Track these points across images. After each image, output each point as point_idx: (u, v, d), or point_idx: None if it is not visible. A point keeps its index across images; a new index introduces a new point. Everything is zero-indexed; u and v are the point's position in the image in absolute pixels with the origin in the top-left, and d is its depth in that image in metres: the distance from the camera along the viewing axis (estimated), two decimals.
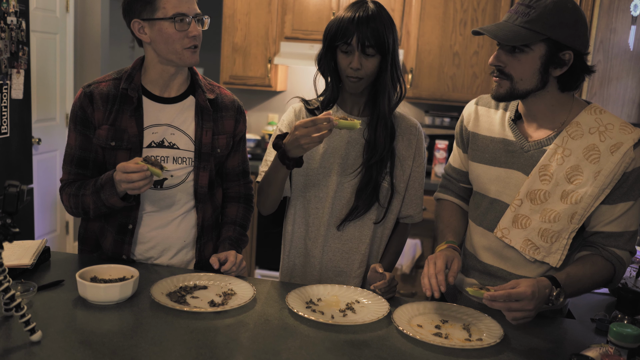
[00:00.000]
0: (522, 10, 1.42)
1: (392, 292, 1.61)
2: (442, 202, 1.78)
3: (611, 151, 1.44)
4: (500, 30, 1.43)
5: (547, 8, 1.40)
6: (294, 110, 1.81)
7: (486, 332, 1.40)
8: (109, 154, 1.69)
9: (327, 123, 1.47)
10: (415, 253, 3.76)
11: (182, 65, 1.67)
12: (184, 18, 1.60)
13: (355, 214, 1.71)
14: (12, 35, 3.00)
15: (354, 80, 1.65)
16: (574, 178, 1.47)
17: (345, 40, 1.61)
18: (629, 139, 1.44)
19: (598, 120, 1.48)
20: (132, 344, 1.24)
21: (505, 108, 1.62)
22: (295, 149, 1.53)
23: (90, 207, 1.65)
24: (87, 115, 1.68)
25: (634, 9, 3.10)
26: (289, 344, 1.29)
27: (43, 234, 4.07)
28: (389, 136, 1.72)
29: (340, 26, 1.62)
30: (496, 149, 1.58)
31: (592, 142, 1.46)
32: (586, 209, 1.45)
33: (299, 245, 1.79)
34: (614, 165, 1.43)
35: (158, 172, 1.52)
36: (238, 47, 4.05)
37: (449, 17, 3.77)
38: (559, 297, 1.36)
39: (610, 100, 3.21)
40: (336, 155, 1.73)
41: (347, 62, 1.63)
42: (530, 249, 1.51)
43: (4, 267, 1.21)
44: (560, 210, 1.47)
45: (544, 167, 1.49)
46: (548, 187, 1.49)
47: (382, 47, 1.62)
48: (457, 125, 1.73)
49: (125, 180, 1.51)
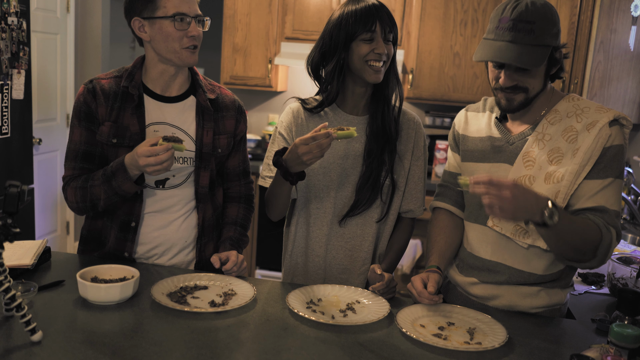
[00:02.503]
0: (524, 27, 1.43)
1: (391, 293, 1.61)
2: (436, 213, 1.77)
3: (587, 129, 1.48)
4: (520, 56, 1.43)
5: (545, 17, 1.44)
6: (291, 110, 1.80)
7: (490, 336, 1.39)
8: (111, 150, 1.69)
9: (327, 138, 1.49)
10: (415, 253, 3.76)
11: (181, 64, 1.68)
12: (184, 17, 1.61)
13: (357, 208, 1.71)
14: (12, 36, 3.00)
15: (378, 67, 1.65)
16: (555, 159, 1.50)
17: (369, 28, 1.62)
18: (604, 117, 1.48)
19: (575, 105, 1.54)
20: (133, 344, 1.24)
21: (492, 110, 1.68)
22: (298, 165, 1.54)
23: (101, 197, 1.65)
24: (91, 110, 1.68)
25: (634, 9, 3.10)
26: (289, 344, 1.29)
27: (44, 234, 4.08)
28: (396, 128, 1.74)
29: (359, 17, 1.63)
30: (484, 147, 1.63)
31: (569, 125, 1.51)
32: (568, 186, 1.47)
33: (301, 244, 1.79)
34: (591, 141, 1.46)
35: (181, 147, 1.54)
36: (239, 48, 4.05)
37: (449, 18, 3.77)
38: (552, 216, 1.33)
39: (611, 101, 3.21)
40: (336, 154, 1.73)
41: (369, 49, 1.63)
42: (520, 234, 1.53)
43: (5, 268, 1.21)
44: (545, 191, 1.48)
45: (527, 153, 1.54)
46: (532, 171, 1.52)
47: (395, 35, 1.68)
48: (450, 133, 1.78)
49: (155, 162, 1.51)
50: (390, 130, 1.72)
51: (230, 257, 1.66)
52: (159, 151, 1.51)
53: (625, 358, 1.23)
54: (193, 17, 1.63)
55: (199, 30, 1.65)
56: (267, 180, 1.77)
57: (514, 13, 1.44)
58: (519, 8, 1.44)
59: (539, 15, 1.43)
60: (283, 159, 1.56)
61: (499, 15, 1.48)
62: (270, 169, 1.77)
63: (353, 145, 1.73)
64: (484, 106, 1.72)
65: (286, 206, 1.75)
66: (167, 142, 1.52)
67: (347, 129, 1.52)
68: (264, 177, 1.79)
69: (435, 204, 1.78)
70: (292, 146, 1.52)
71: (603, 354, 1.20)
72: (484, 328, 1.44)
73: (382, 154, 1.71)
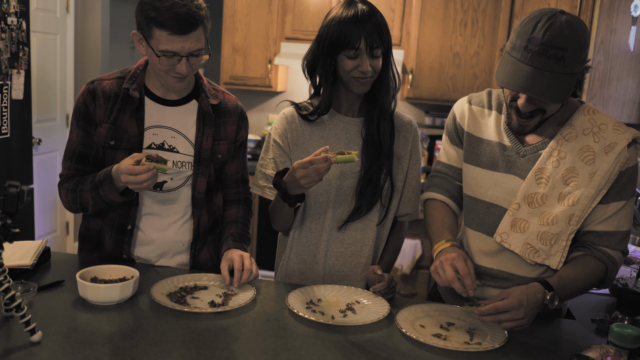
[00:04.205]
0: (555, 54, 1.31)
1: (391, 293, 1.60)
2: (432, 203, 1.70)
3: (605, 151, 1.44)
4: (548, 88, 1.33)
5: (577, 43, 1.33)
6: (285, 117, 1.74)
7: (490, 336, 1.39)
8: (109, 152, 1.69)
9: (325, 163, 1.45)
10: (415, 253, 3.76)
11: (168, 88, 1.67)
12: (172, 56, 1.54)
13: (358, 214, 1.69)
14: (12, 36, 3.00)
15: (363, 81, 1.61)
16: (570, 180, 1.46)
17: (352, 46, 1.56)
18: (623, 139, 1.44)
19: (592, 120, 1.48)
20: (133, 344, 1.24)
21: (499, 110, 1.60)
22: (296, 189, 1.51)
23: (89, 202, 1.65)
24: (89, 112, 1.68)
25: (634, 9, 3.10)
26: (289, 345, 1.29)
27: (43, 235, 4.07)
28: (392, 131, 1.70)
29: (343, 31, 1.56)
30: (493, 153, 1.57)
31: (586, 144, 1.46)
32: (583, 210, 1.45)
33: (299, 251, 1.75)
34: (609, 166, 1.43)
35: (164, 168, 1.51)
36: (238, 48, 4.05)
37: (449, 18, 3.77)
38: (553, 301, 1.36)
39: (611, 101, 3.21)
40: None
41: (353, 65, 1.58)
42: (530, 253, 1.50)
43: (4, 268, 1.21)
44: (558, 212, 1.47)
45: (540, 170, 1.49)
46: (545, 190, 1.48)
47: (386, 45, 1.60)
48: (450, 123, 1.68)
49: (134, 181, 1.49)
50: (385, 133, 1.69)
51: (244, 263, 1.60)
52: (139, 171, 1.48)
53: (625, 358, 1.23)
54: (185, 55, 1.55)
55: (187, 69, 1.57)
56: (266, 191, 1.73)
57: (546, 36, 1.31)
58: (552, 31, 1.31)
59: (572, 42, 1.32)
60: (283, 181, 1.53)
61: (528, 32, 1.34)
62: (266, 177, 1.73)
63: (352, 148, 1.71)
64: (489, 102, 1.62)
65: (290, 220, 1.71)
66: (150, 162, 1.50)
67: (348, 153, 1.47)
68: (262, 188, 1.74)
69: (430, 195, 1.70)
70: (291, 169, 1.49)
71: (603, 354, 1.20)
72: (484, 328, 1.44)
73: (380, 157, 1.68)
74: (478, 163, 1.60)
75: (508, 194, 1.54)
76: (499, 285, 1.57)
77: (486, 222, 1.58)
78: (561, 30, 1.32)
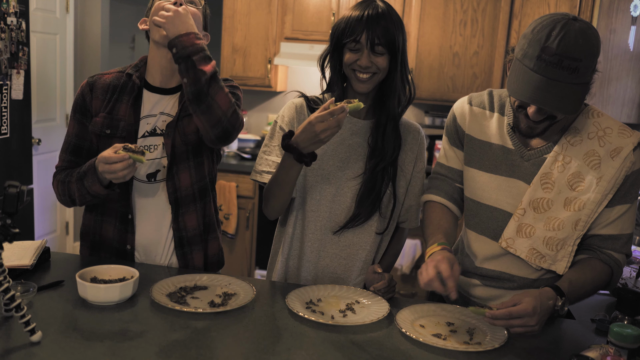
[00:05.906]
0: (569, 65, 1.29)
1: (391, 293, 1.60)
2: (431, 205, 1.68)
3: (611, 156, 1.44)
4: (561, 100, 1.31)
5: (591, 53, 1.31)
6: (294, 106, 1.73)
7: (490, 336, 1.39)
8: (104, 142, 1.69)
9: (343, 113, 1.44)
10: (415, 253, 3.76)
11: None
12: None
13: (356, 221, 1.67)
14: (12, 36, 3.00)
15: (364, 78, 1.60)
16: (576, 185, 1.46)
17: (353, 38, 1.57)
18: (629, 143, 1.44)
19: (596, 124, 1.48)
20: (132, 344, 1.24)
21: (501, 112, 1.58)
22: (314, 145, 1.48)
23: (76, 194, 1.65)
24: (86, 104, 1.70)
25: (634, 9, 3.10)
26: (289, 345, 1.29)
27: (43, 235, 4.07)
28: (397, 142, 1.68)
29: (349, 24, 1.58)
30: (495, 156, 1.56)
31: (591, 148, 1.46)
32: (590, 215, 1.45)
33: (295, 247, 1.74)
34: (615, 171, 1.43)
35: (140, 159, 1.49)
36: (238, 48, 4.05)
37: (448, 18, 3.77)
38: (564, 307, 1.36)
39: (610, 101, 3.21)
40: (335, 158, 1.69)
41: (354, 59, 1.59)
42: (536, 258, 1.50)
43: (4, 268, 1.21)
44: (564, 217, 1.46)
45: (545, 175, 1.48)
46: (550, 195, 1.48)
47: (392, 46, 1.59)
48: (450, 124, 1.67)
49: (108, 170, 1.49)
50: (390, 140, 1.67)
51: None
52: (114, 159, 1.47)
53: (625, 358, 1.23)
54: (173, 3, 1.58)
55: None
56: (265, 176, 1.69)
57: (560, 46, 1.29)
58: (567, 40, 1.29)
59: (586, 52, 1.30)
60: (293, 141, 1.50)
61: (541, 40, 1.31)
62: (268, 163, 1.69)
63: (355, 149, 1.69)
64: (491, 103, 1.60)
65: (287, 201, 1.66)
66: (126, 152, 1.48)
67: (353, 102, 1.48)
68: (261, 173, 1.70)
69: (429, 197, 1.68)
70: (307, 125, 1.46)
71: (603, 354, 1.20)
72: (484, 328, 1.44)
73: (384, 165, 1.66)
74: (480, 166, 1.58)
75: (512, 198, 1.53)
76: (500, 286, 1.57)
77: (489, 226, 1.57)
78: (575, 40, 1.29)
